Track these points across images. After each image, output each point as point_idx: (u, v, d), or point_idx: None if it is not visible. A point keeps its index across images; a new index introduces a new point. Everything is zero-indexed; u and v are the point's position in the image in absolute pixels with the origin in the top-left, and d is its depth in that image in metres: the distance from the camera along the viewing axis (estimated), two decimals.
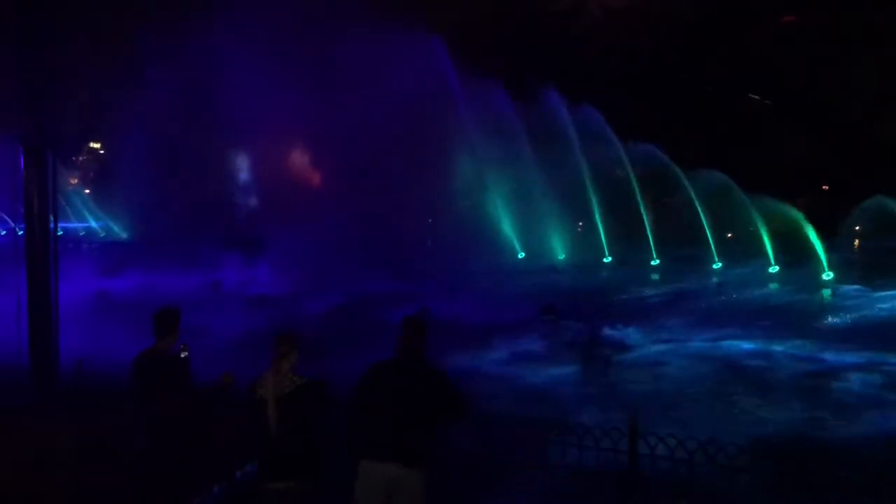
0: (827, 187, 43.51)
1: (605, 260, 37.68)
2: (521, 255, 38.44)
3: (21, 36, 8.97)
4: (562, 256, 38.03)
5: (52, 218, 9.05)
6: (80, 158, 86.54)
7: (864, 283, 27.00)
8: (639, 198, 36.90)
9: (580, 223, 40.69)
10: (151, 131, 43.31)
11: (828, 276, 29.65)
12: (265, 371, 5.66)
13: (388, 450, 5.32)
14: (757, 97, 52.83)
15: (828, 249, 30.70)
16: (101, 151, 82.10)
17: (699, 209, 34.56)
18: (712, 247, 34.30)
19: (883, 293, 24.53)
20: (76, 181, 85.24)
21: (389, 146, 37.72)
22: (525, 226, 38.32)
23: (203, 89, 42.21)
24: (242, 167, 53.18)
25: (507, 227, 38.34)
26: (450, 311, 18.91)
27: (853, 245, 41.67)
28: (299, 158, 50.85)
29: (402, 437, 5.32)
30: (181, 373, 6.17)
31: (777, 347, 17.24)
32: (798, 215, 31.69)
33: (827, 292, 27.63)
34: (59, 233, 10.11)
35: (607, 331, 18.18)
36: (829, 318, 21.60)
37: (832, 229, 32.45)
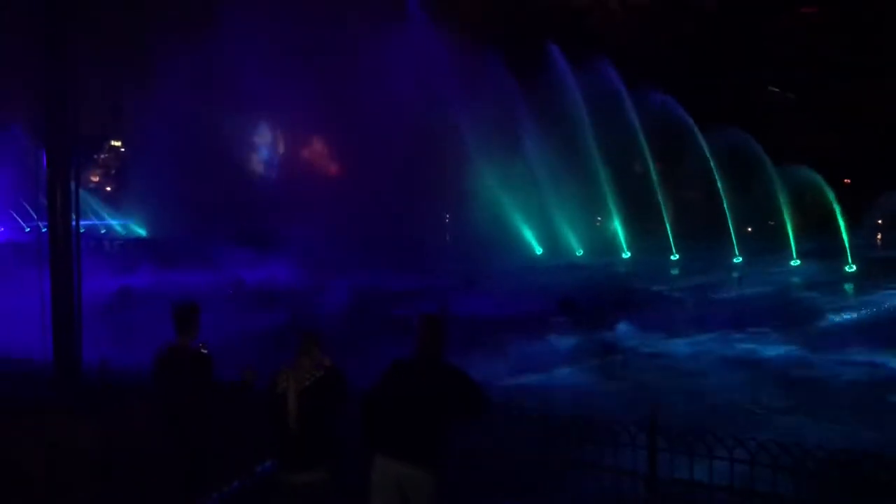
0: (849, 181, 42.99)
1: (623, 255, 37.53)
2: (540, 251, 38.38)
3: (44, 35, 9.05)
4: (580, 252, 37.90)
5: (74, 216, 9.14)
6: (102, 156, 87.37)
7: (888, 277, 26.72)
8: (656, 187, 36.54)
9: (598, 218, 40.53)
10: (170, 129, 43.68)
11: (851, 269, 29.34)
12: (285, 366, 5.75)
13: (401, 448, 5.34)
14: (777, 90, 52.30)
15: (850, 242, 30.38)
16: (122, 149, 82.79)
17: (721, 192, 33.99)
18: (733, 240, 33.98)
19: None
20: (97, 179, 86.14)
21: (407, 144, 37.80)
22: (543, 221, 38.23)
23: (222, 87, 42.54)
24: (262, 164, 53.56)
25: (525, 223, 38.27)
26: (468, 307, 18.93)
27: (876, 238, 41.22)
28: (318, 155, 51.11)
29: (415, 435, 5.34)
30: (202, 369, 6.21)
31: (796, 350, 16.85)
32: (828, 192, 31.20)
33: (849, 287, 27.35)
34: (81, 230, 10.20)
35: (625, 328, 18.11)
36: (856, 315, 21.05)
37: (854, 222, 32.03)
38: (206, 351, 6.26)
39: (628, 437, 5.92)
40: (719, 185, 34.46)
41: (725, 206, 34.25)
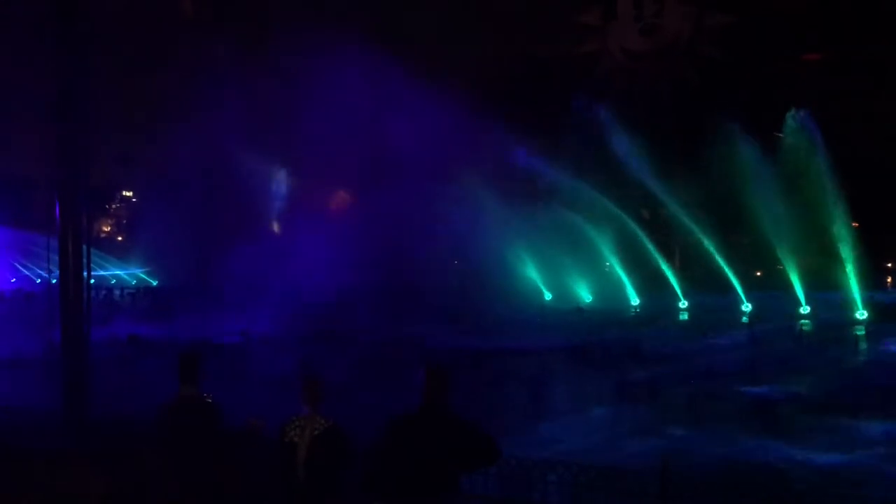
0: (857, 224, 42.96)
1: (632, 303, 37.41)
2: (549, 296, 38.32)
3: (58, 90, 9.27)
4: (589, 299, 37.80)
5: (85, 266, 9.25)
6: (113, 206, 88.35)
7: None
8: (648, 244, 36.55)
9: (607, 263, 40.54)
10: (180, 180, 44.21)
11: (862, 315, 29.12)
12: (293, 415, 5.75)
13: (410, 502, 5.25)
14: (781, 135, 52.60)
15: (860, 286, 30.17)
16: (133, 200, 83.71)
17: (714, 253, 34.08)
18: (738, 289, 33.77)
19: None
20: (109, 229, 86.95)
21: (416, 190, 38.08)
22: (551, 267, 38.27)
23: (231, 135, 43.13)
24: (273, 211, 53.97)
25: (534, 270, 38.32)
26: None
27: (885, 283, 41.03)
28: (329, 201, 51.47)
29: (424, 490, 5.24)
30: (208, 418, 6.20)
31: None
32: (833, 245, 31.08)
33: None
34: (91, 280, 10.30)
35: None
36: None
37: (863, 267, 31.86)
38: (210, 400, 6.27)
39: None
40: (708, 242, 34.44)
41: (716, 254, 34.18)
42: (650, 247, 36.74)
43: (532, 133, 38.88)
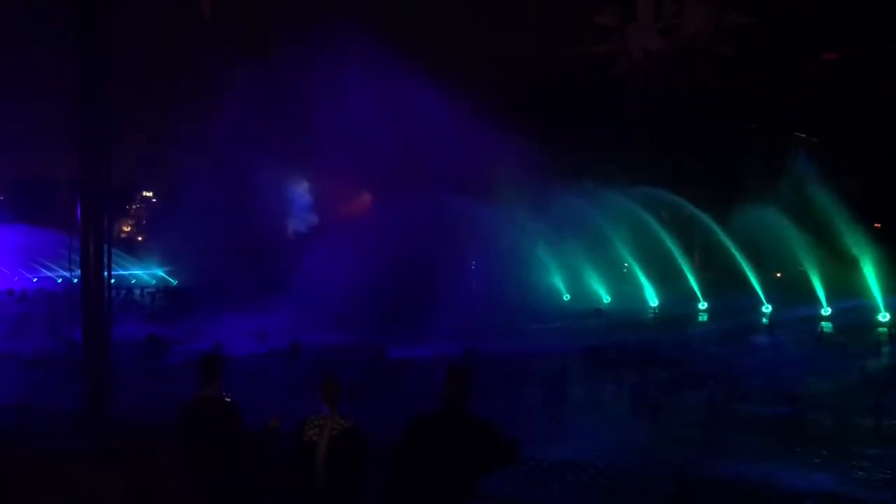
0: (879, 225, 42.46)
1: (651, 304, 37.20)
2: (567, 297, 38.20)
3: (79, 91, 9.35)
4: (608, 300, 37.64)
5: (106, 265, 9.32)
6: (133, 206, 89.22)
7: None
8: (671, 244, 36.34)
9: (626, 264, 40.34)
10: (201, 179, 44.45)
11: (884, 317, 28.77)
12: (312, 415, 5.78)
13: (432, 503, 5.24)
14: (803, 135, 52.10)
15: (882, 288, 29.78)
16: (154, 199, 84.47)
17: (736, 253, 33.82)
18: (758, 290, 33.49)
19: None
20: (129, 229, 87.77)
21: (433, 188, 38.08)
22: (570, 267, 38.14)
23: (252, 135, 43.37)
24: (292, 213, 54.21)
25: (553, 269, 38.20)
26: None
27: None
28: (347, 203, 51.59)
29: (445, 490, 5.22)
30: (228, 418, 6.23)
31: None
32: (855, 248, 30.74)
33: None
34: (112, 280, 10.38)
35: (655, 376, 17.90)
36: None
37: (885, 268, 31.46)
38: (230, 400, 6.31)
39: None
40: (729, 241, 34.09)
41: (738, 254, 33.89)
42: (671, 247, 36.52)
43: (551, 132, 38.81)
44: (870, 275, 29.96)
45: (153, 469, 6.89)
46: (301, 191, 53.84)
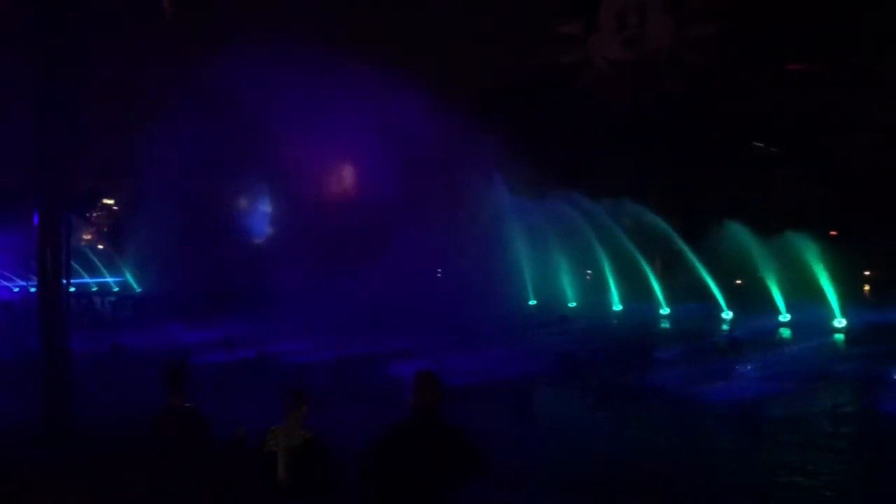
0: (835, 233, 43.46)
1: (615, 308, 37.63)
2: (533, 302, 38.44)
3: (39, 100, 9.23)
4: (573, 304, 37.98)
5: (64, 275, 9.20)
6: (94, 214, 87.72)
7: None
8: (637, 253, 36.85)
9: (588, 271, 40.75)
10: (163, 187, 43.98)
11: (840, 322, 29.43)
12: (274, 426, 5.80)
13: None
14: (762, 145, 53.15)
15: (838, 295, 30.46)
16: (115, 207, 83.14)
17: (694, 260, 34.41)
18: (718, 297, 34.08)
19: None
20: (90, 237, 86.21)
21: (399, 197, 38.13)
22: (536, 273, 38.44)
23: (215, 141, 43.01)
24: (254, 219, 53.80)
25: (519, 275, 38.42)
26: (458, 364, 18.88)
27: (863, 290, 41.48)
28: (309, 211, 51.32)
29: (419, 501, 5.12)
30: (197, 429, 6.20)
31: None
32: (811, 256, 31.37)
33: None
34: (72, 289, 10.24)
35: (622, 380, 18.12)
36: None
37: (842, 275, 32.18)
38: (198, 411, 6.27)
39: None
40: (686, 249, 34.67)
41: (696, 262, 34.44)
42: (635, 254, 36.96)
43: (520, 141, 39.11)
44: (826, 282, 30.63)
45: (119, 481, 6.82)
46: (262, 197, 53.48)
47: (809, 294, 30.85)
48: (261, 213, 53.98)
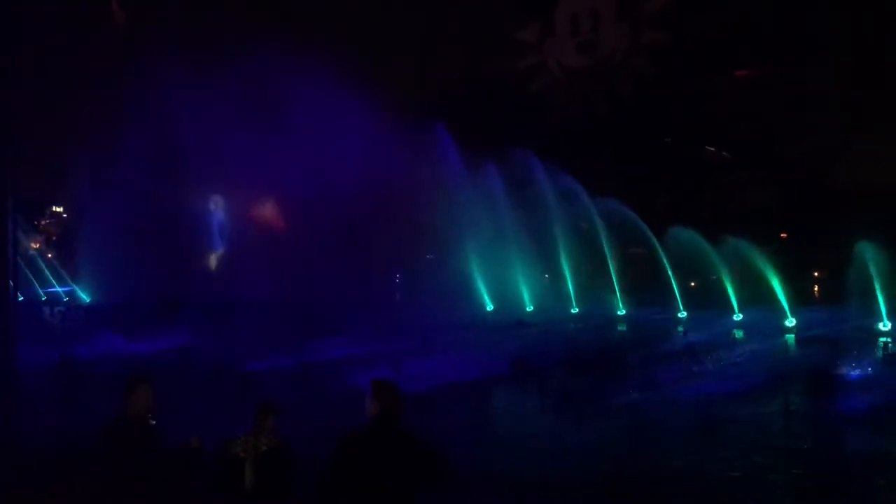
0: (785, 235, 44.52)
1: (572, 311, 37.91)
2: (491, 307, 38.53)
3: None
4: (530, 308, 38.15)
5: (11, 284, 8.93)
6: (43, 222, 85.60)
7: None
8: (606, 249, 37.25)
9: (546, 275, 41.01)
10: (114, 194, 43.19)
11: (790, 322, 30.12)
12: (240, 433, 5.77)
13: None
14: (713, 149, 54.24)
15: (789, 296, 31.16)
16: (65, 215, 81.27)
17: (665, 262, 34.92)
18: (677, 296, 34.63)
19: None
20: (38, 245, 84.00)
21: (356, 202, 37.97)
22: (494, 278, 38.53)
23: (166, 149, 42.37)
24: (208, 228, 53.08)
25: (477, 280, 38.51)
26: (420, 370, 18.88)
27: (813, 291, 42.55)
28: (268, 220, 50.90)
29: None
30: (151, 438, 6.08)
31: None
32: (761, 260, 32.06)
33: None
34: (20, 298, 9.94)
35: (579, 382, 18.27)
36: None
37: (793, 277, 32.94)
38: (153, 421, 6.15)
39: None
40: (662, 256, 35.15)
41: (668, 267, 34.96)
42: (605, 253, 37.34)
43: (477, 146, 39.24)
44: (777, 283, 31.32)
45: (72, 496, 6.62)
46: (214, 204, 52.78)
47: (761, 295, 31.53)
48: (216, 218, 53.26)
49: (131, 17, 50.69)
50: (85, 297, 51.14)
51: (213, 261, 52.21)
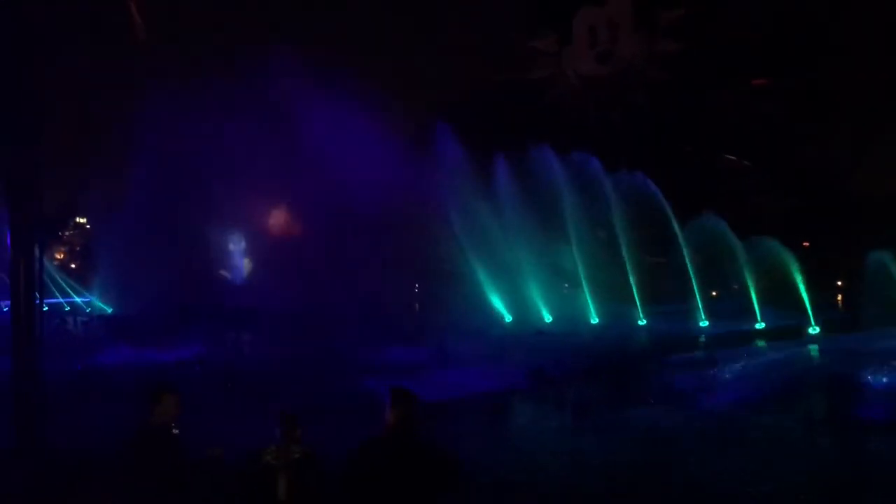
0: (808, 244, 44.12)
1: (592, 321, 37.69)
2: (509, 319, 38.41)
3: (6, 115, 9.13)
4: (549, 319, 37.97)
5: (37, 296, 9.07)
6: (67, 233, 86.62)
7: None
8: (625, 255, 37.03)
9: (566, 284, 40.85)
10: (137, 206, 43.65)
11: (814, 330, 29.76)
12: (269, 444, 5.84)
13: None
14: (733, 157, 53.92)
15: (813, 304, 30.83)
16: (88, 226, 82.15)
17: (688, 262, 34.62)
18: (699, 305, 34.34)
19: None
20: (62, 256, 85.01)
21: (374, 212, 38.06)
22: (512, 288, 38.40)
23: (188, 165, 42.79)
24: (227, 240, 53.47)
25: (495, 291, 38.43)
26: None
27: (837, 299, 42.06)
28: (284, 229, 51.18)
29: None
30: (175, 449, 6.12)
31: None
32: (790, 259, 31.70)
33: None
34: (45, 308, 10.07)
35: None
36: None
37: (815, 285, 32.58)
38: (176, 430, 6.20)
39: None
40: (686, 255, 34.88)
41: (691, 272, 34.68)
42: (614, 267, 37.15)
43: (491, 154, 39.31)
44: (801, 291, 30.98)
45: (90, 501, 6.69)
46: (232, 215, 53.11)
47: (784, 303, 31.21)
48: (234, 234, 53.59)
49: (151, 32, 51.33)
50: (106, 308, 51.64)
51: (232, 271, 52.51)
